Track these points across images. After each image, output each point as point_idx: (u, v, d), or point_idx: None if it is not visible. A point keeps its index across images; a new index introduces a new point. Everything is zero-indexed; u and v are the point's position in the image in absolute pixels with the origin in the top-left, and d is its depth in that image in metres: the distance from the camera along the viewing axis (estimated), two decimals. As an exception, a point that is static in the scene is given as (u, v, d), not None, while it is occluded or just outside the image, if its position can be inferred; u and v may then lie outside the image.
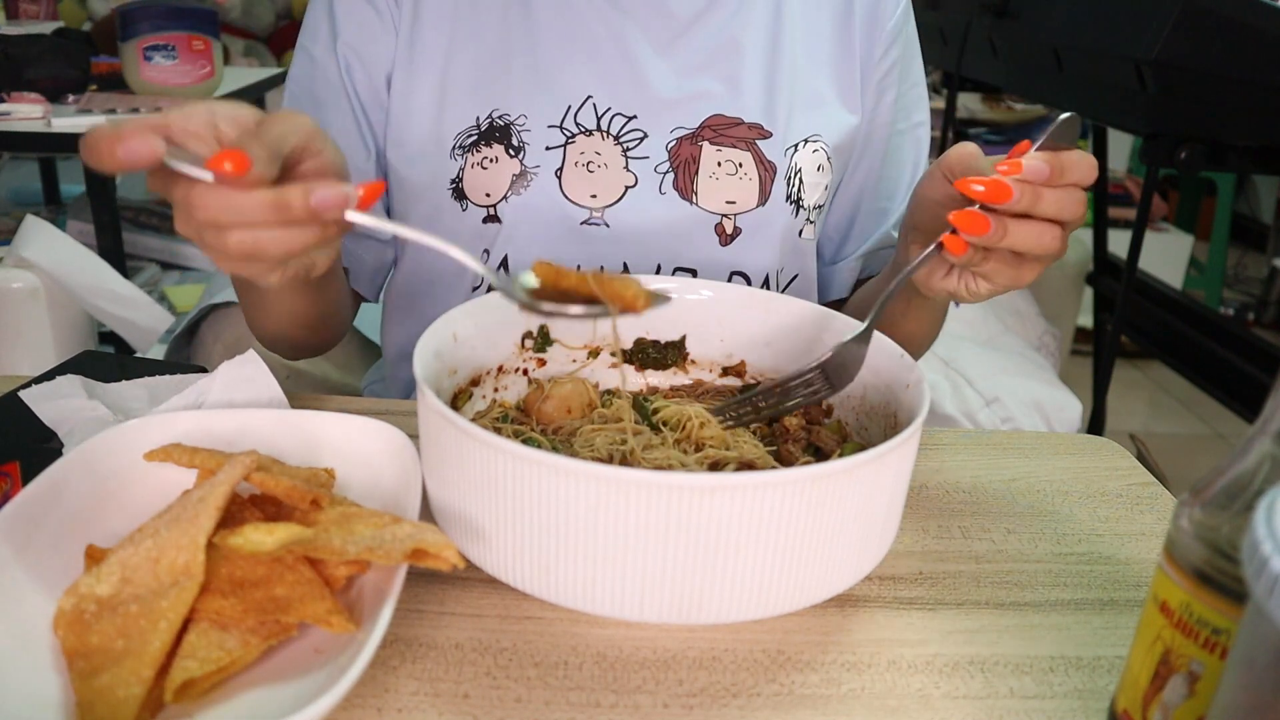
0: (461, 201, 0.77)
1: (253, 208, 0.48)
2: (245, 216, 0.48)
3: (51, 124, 1.72)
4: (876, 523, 0.49)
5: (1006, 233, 0.57)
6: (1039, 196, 0.56)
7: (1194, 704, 0.38)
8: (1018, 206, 0.56)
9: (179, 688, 0.41)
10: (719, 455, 0.59)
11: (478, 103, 0.77)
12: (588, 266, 0.73)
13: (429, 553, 0.44)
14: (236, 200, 0.48)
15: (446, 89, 0.78)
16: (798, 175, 0.80)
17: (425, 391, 0.48)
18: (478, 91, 0.77)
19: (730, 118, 0.78)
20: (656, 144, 0.78)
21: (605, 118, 0.77)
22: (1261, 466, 0.37)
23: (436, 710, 0.44)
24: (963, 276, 0.63)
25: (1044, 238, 0.57)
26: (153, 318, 1.52)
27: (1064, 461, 0.71)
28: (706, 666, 0.48)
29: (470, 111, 0.77)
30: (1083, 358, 2.94)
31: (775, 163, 0.79)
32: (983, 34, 1.88)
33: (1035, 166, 0.56)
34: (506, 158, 0.76)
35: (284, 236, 0.49)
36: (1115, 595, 0.56)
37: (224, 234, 0.49)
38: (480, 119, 0.77)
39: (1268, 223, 4.03)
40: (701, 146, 0.78)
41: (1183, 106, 1.48)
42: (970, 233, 0.57)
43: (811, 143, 0.80)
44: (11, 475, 0.55)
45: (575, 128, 0.77)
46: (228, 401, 0.60)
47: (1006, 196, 0.56)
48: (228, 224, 0.48)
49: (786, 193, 0.79)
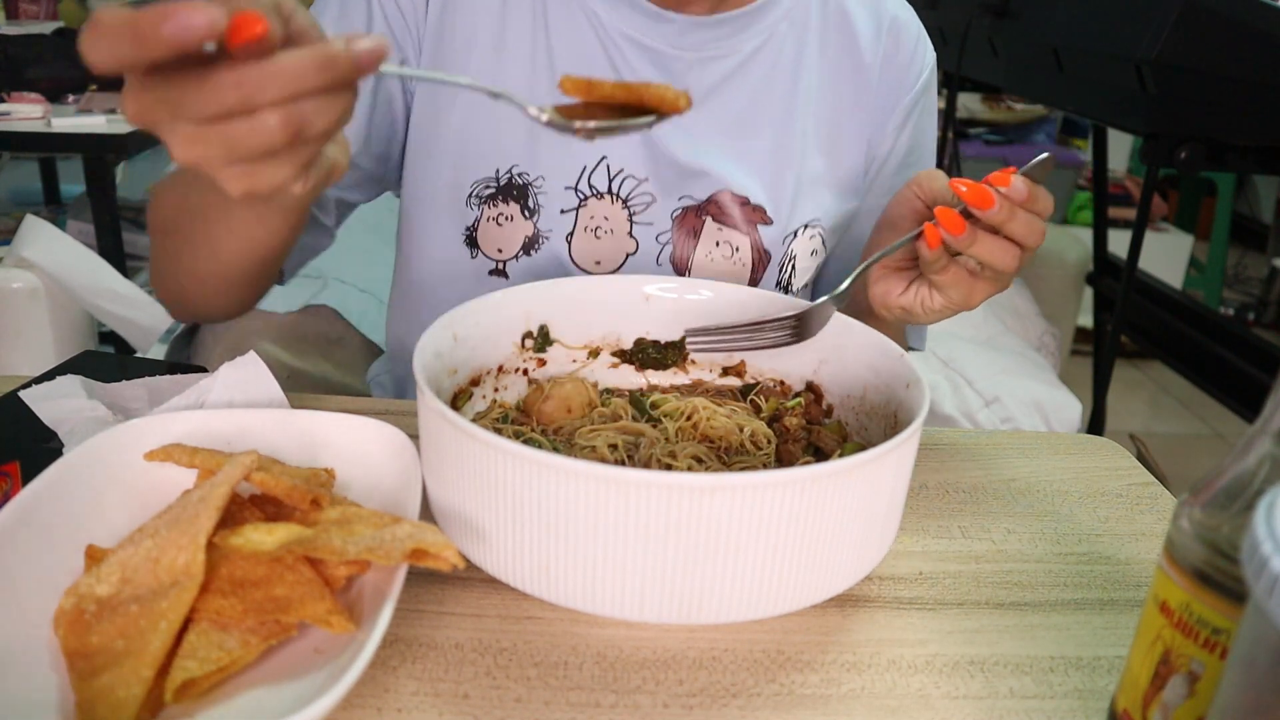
0: (473, 249, 0.78)
1: (295, 70, 0.40)
2: (288, 84, 0.40)
3: (51, 124, 1.72)
4: (876, 523, 0.49)
5: (975, 239, 0.62)
6: (1013, 214, 0.61)
7: (1194, 704, 0.38)
8: (995, 217, 0.61)
9: (179, 688, 0.41)
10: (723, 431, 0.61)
11: (499, 154, 0.77)
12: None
13: (429, 553, 0.44)
14: (272, 67, 0.40)
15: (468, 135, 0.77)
16: (791, 262, 0.81)
17: (425, 391, 0.48)
18: (500, 141, 0.77)
19: (737, 195, 0.79)
20: (663, 211, 0.78)
21: (617, 179, 0.78)
22: (1261, 466, 0.37)
23: (436, 710, 0.44)
24: (919, 291, 0.68)
25: (1005, 255, 0.63)
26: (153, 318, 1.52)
27: (1064, 461, 0.71)
28: (706, 666, 0.48)
29: (491, 163, 0.77)
30: (1083, 358, 2.94)
31: (771, 252, 0.80)
32: (983, 34, 1.88)
33: (1018, 186, 0.61)
34: (521, 219, 0.77)
35: (328, 105, 0.42)
36: (1115, 595, 0.56)
37: (261, 117, 0.40)
38: (500, 173, 0.77)
39: (1268, 223, 4.03)
40: (705, 221, 0.79)
41: (1183, 106, 1.48)
42: (947, 228, 0.62)
43: (811, 227, 0.81)
44: (11, 475, 0.55)
45: (589, 189, 0.77)
46: (228, 402, 0.60)
47: (989, 203, 0.61)
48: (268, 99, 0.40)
49: (777, 279, 0.82)
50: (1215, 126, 1.50)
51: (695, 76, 0.79)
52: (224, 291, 0.69)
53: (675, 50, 0.78)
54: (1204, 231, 3.68)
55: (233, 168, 0.43)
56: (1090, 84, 1.64)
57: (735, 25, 0.79)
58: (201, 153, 0.41)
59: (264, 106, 0.40)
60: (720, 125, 0.80)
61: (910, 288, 0.69)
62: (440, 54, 0.76)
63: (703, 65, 0.79)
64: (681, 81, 0.78)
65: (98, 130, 1.73)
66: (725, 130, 0.80)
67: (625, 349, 0.68)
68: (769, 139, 0.81)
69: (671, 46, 0.78)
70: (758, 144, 0.80)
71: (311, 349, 1.41)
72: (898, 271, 0.69)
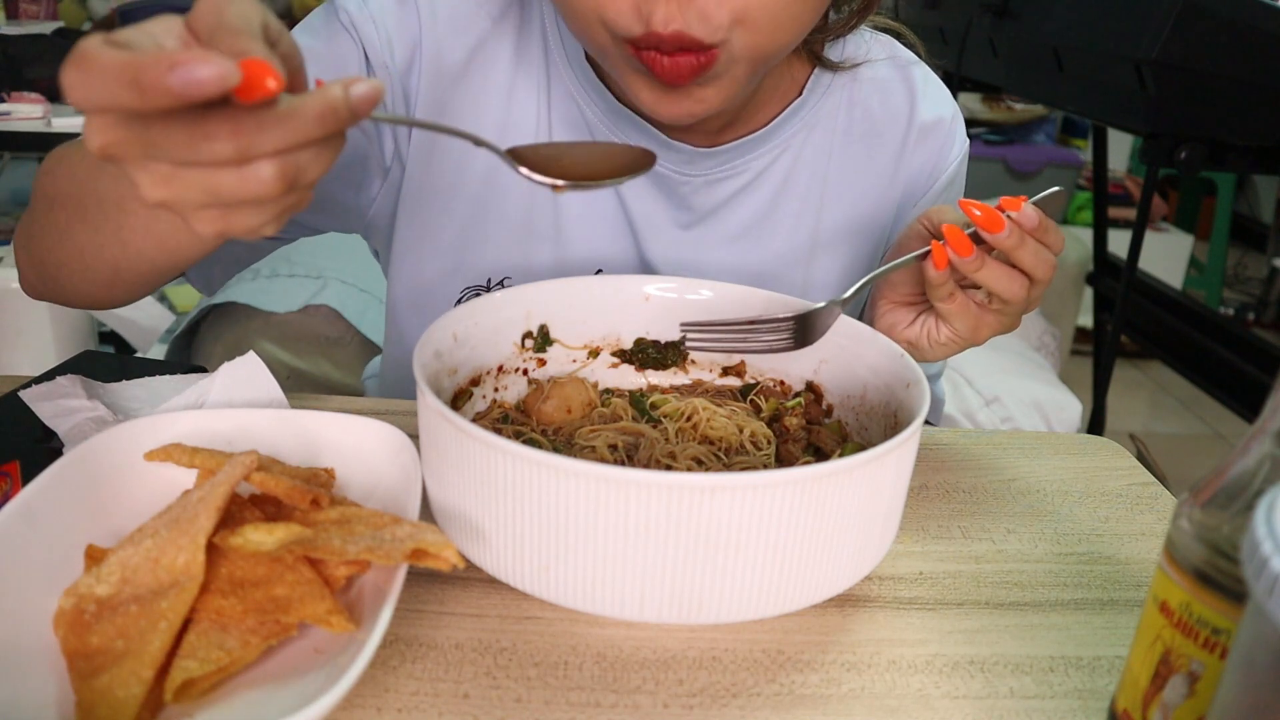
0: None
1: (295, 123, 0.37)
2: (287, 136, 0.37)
3: (51, 124, 1.72)
4: (876, 523, 0.49)
5: (983, 265, 0.61)
6: (1023, 241, 0.61)
7: (1194, 704, 0.38)
8: (1005, 242, 0.60)
9: (179, 688, 0.41)
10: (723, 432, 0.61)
11: (494, 260, 0.76)
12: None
13: (429, 553, 0.44)
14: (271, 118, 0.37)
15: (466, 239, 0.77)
16: None
17: (425, 391, 0.48)
18: (492, 248, 0.76)
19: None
20: None
21: None
22: (1261, 466, 0.37)
23: (436, 710, 0.44)
24: (925, 324, 0.67)
25: (1012, 284, 0.62)
26: (153, 317, 1.52)
27: (1064, 461, 0.71)
28: (706, 666, 0.48)
29: (483, 271, 0.77)
30: (1083, 358, 2.95)
31: None
32: (983, 34, 1.88)
33: (1029, 213, 0.61)
34: None
35: (322, 154, 0.40)
36: (1115, 595, 0.56)
37: (255, 167, 0.38)
38: (491, 282, 0.77)
39: (1268, 223, 4.03)
40: None
41: (1183, 106, 1.48)
42: (955, 249, 0.61)
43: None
44: (11, 475, 0.55)
45: None
46: (228, 401, 0.60)
47: (1000, 227, 0.60)
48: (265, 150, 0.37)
49: None
50: (1215, 126, 1.51)
51: (701, 198, 0.77)
52: (109, 284, 0.62)
53: (682, 175, 0.76)
54: (1204, 231, 3.68)
55: (209, 211, 0.39)
56: (1090, 84, 1.64)
57: (746, 148, 0.77)
58: (178, 195, 0.38)
59: (261, 155, 0.37)
60: (726, 236, 0.79)
61: (917, 320, 0.68)
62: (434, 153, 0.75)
63: (709, 187, 0.77)
64: (688, 203, 0.77)
65: (98, 130, 1.73)
66: (731, 240, 0.79)
67: (625, 349, 0.68)
68: (778, 246, 0.79)
69: (678, 172, 0.76)
70: (764, 252, 0.79)
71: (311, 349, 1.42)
72: (905, 305, 0.69)
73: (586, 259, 0.78)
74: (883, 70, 0.80)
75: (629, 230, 0.78)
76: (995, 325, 0.65)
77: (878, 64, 0.80)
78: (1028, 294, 0.63)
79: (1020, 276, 0.62)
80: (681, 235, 0.78)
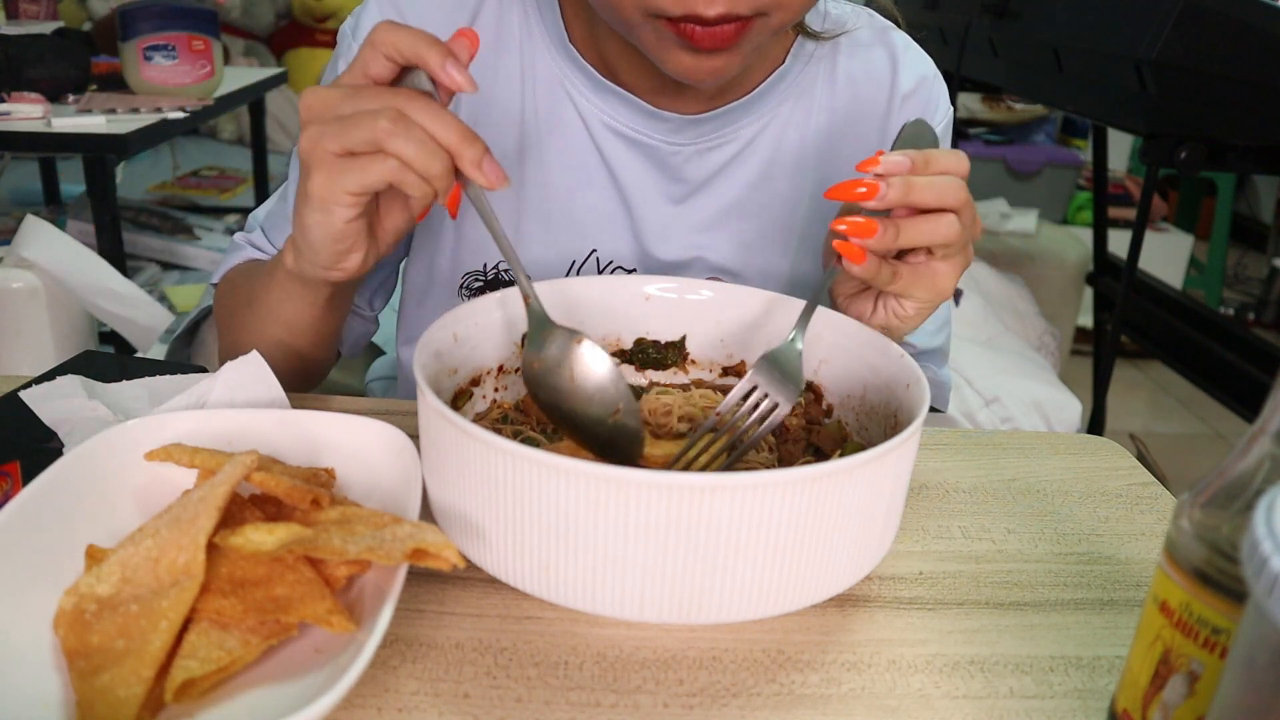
0: None
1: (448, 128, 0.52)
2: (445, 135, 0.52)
3: (51, 124, 1.72)
4: (876, 523, 0.49)
5: (900, 231, 0.58)
6: (910, 186, 0.57)
7: (1194, 704, 0.38)
8: (890, 197, 0.57)
9: (179, 687, 0.41)
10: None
11: (489, 248, 0.77)
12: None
13: (429, 553, 0.44)
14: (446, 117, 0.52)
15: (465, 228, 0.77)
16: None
17: (425, 391, 0.48)
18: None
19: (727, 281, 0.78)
20: None
21: (606, 270, 0.78)
22: (1261, 466, 0.37)
23: (436, 710, 0.44)
24: (887, 306, 0.65)
25: (939, 227, 0.58)
26: (153, 317, 1.51)
27: (1064, 461, 0.71)
28: (706, 666, 0.48)
29: (479, 256, 0.77)
30: (1083, 358, 2.95)
31: None
32: (983, 34, 1.88)
33: (892, 159, 0.57)
34: None
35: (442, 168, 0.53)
36: (1115, 595, 0.56)
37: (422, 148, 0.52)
38: (488, 267, 0.77)
39: (1268, 223, 4.04)
40: None
41: (1183, 106, 1.48)
42: (860, 235, 0.58)
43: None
44: (11, 475, 0.55)
45: None
46: (229, 402, 0.60)
47: (874, 191, 0.57)
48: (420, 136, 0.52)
49: None
50: (1215, 126, 1.51)
51: (693, 168, 0.77)
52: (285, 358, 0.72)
53: (671, 145, 0.76)
54: (1204, 231, 3.68)
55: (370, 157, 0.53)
56: (1090, 84, 1.64)
57: (733, 115, 0.77)
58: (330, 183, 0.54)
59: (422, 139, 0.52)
60: (717, 210, 0.79)
61: (879, 306, 0.66)
62: None
63: (700, 156, 0.77)
64: (679, 174, 0.78)
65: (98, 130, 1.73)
66: (723, 214, 0.79)
67: (625, 349, 0.68)
68: (769, 219, 0.79)
69: (667, 142, 0.76)
70: (756, 225, 0.79)
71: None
72: (860, 295, 0.67)
73: (579, 240, 0.78)
74: (864, 37, 0.81)
75: (623, 206, 0.78)
76: (950, 271, 0.62)
77: (857, 32, 0.81)
78: (959, 226, 0.59)
79: (942, 215, 0.58)
80: (675, 210, 0.78)
